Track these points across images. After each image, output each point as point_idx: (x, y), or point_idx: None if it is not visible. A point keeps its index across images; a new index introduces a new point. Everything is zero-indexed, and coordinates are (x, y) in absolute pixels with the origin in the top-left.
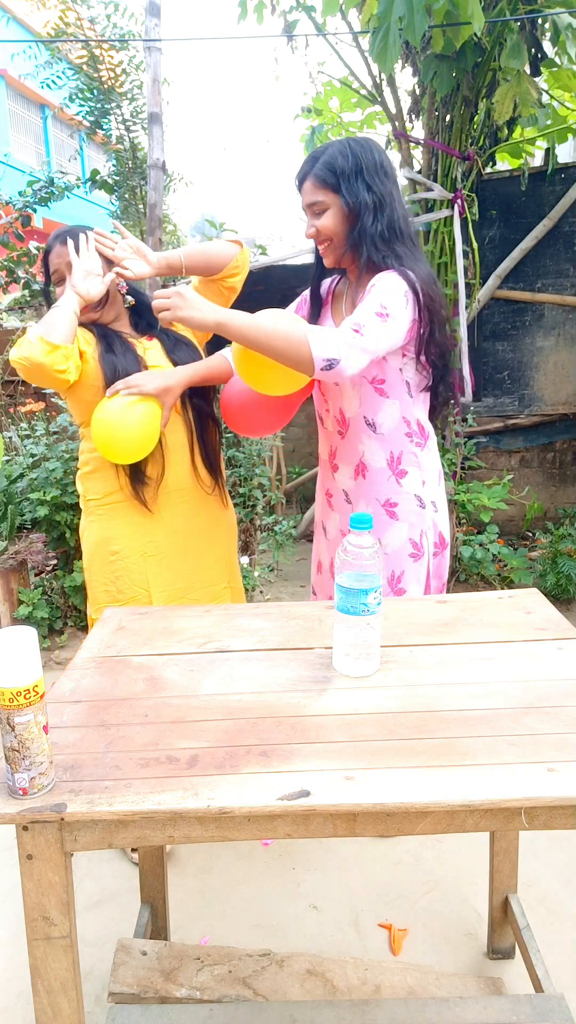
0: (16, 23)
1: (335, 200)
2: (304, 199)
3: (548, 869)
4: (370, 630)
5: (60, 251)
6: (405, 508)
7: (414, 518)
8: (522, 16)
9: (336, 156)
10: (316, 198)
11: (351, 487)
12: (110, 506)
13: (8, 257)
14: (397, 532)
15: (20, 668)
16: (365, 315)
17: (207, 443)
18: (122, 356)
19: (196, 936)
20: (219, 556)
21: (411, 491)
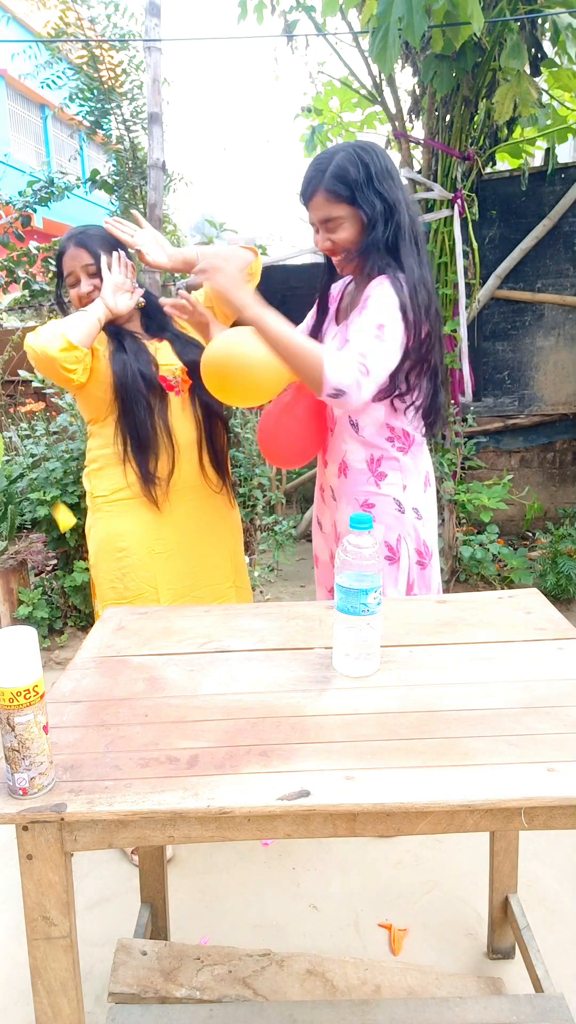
0: (16, 23)
1: (350, 211)
2: (316, 214)
3: (548, 869)
4: (370, 630)
5: (75, 253)
6: (382, 510)
7: (391, 521)
8: (522, 16)
9: (346, 166)
10: (331, 213)
11: (336, 484)
12: (118, 503)
13: (8, 257)
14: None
15: (20, 668)
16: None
17: (215, 442)
18: (134, 355)
19: (196, 936)
20: (225, 555)
21: (390, 494)
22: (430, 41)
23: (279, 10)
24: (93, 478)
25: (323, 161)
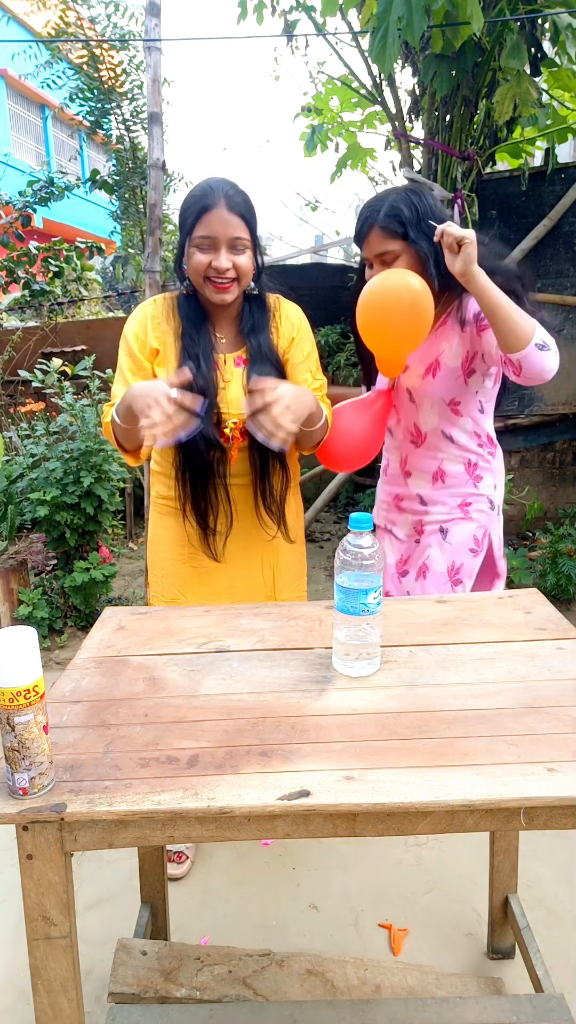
0: (16, 23)
1: (403, 247)
2: (371, 251)
3: (548, 869)
4: (370, 630)
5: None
6: (477, 508)
7: (484, 519)
8: (522, 16)
9: (399, 206)
10: (385, 248)
11: (428, 491)
12: (165, 506)
13: (8, 257)
14: (465, 528)
15: (20, 668)
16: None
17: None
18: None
19: (196, 936)
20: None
21: (485, 494)
22: (430, 41)
23: (279, 10)
24: (152, 476)
25: (377, 202)
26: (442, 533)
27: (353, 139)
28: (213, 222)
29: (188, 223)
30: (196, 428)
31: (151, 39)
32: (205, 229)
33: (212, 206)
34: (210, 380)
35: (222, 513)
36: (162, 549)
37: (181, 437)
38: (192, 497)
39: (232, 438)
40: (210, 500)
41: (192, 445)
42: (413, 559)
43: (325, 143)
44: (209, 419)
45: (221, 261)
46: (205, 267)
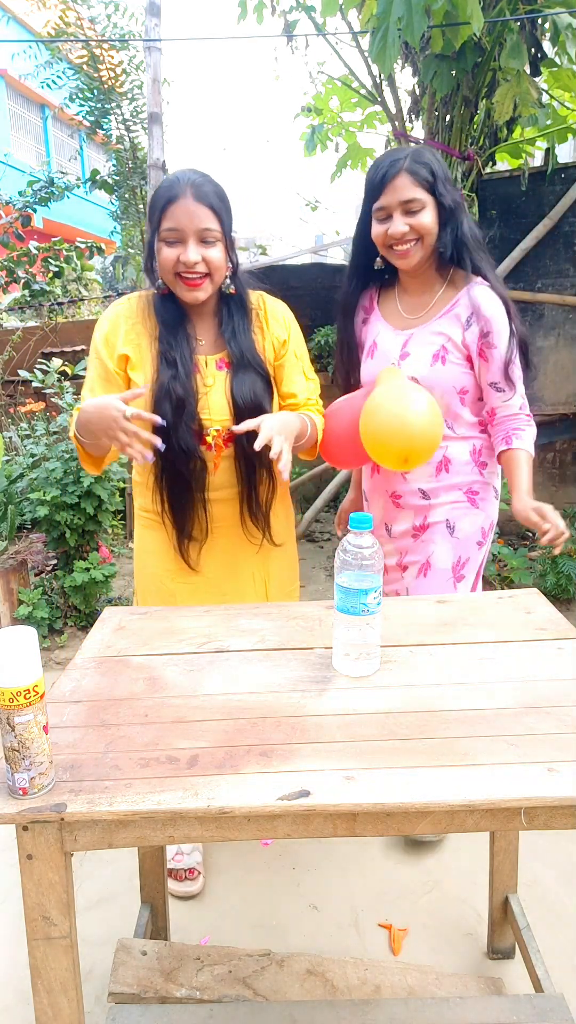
0: (16, 23)
1: (430, 200)
2: (396, 196)
3: (548, 869)
4: (370, 630)
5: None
6: (484, 496)
7: (490, 508)
8: (522, 16)
9: (427, 158)
10: (414, 195)
11: (431, 484)
12: (147, 519)
13: (8, 257)
14: (473, 520)
15: (20, 668)
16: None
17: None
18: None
19: (196, 936)
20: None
21: (490, 481)
22: (430, 41)
23: (279, 10)
24: (134, 487)
25: (399, 152)
26: (449, 528)
27: (353, 139)
28: (179, 214)
29: (155, 218)
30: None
31: (151, 39)
32: (171, 221)
33: (177, 196)
34: (189, 388)
35: (198, 521)
36: (149, 563)
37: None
38: (172, 511)
39: (215, 446)
40: (188, 514)
41: (171, 457)
42: (412, 554)
43: (325, 143)
44: (189, 429)
45: (189, 254)
46: (173, 262)
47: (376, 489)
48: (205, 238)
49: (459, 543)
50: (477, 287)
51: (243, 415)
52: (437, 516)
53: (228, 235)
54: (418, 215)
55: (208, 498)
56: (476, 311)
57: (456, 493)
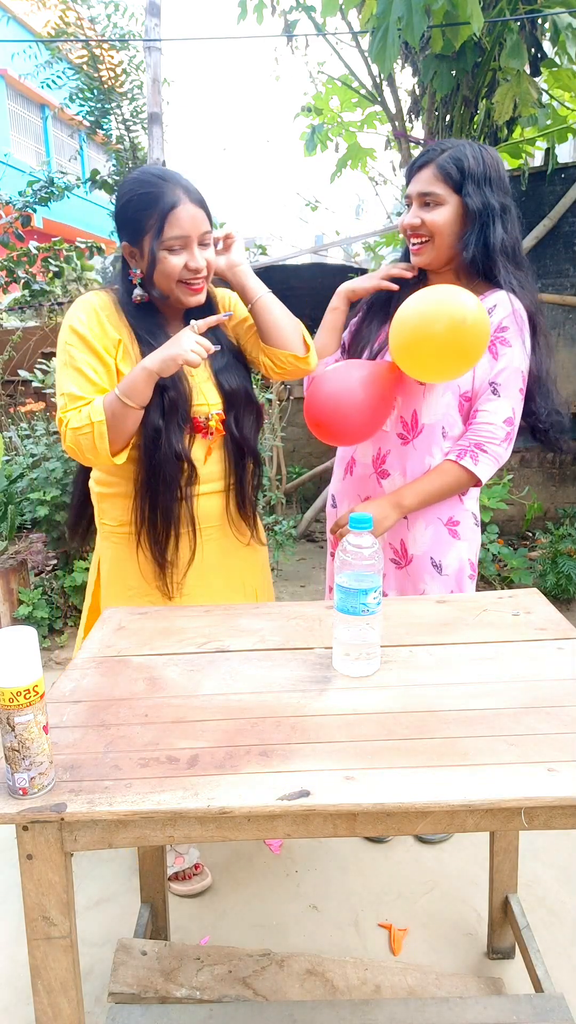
0: (16, 23)
1: (453, 199)
2: (417, 186)
3: (548, 869)
4: (370, 630)
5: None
6: (466, 527)
7: (472, 536)
8: (522, 16)
9: (467, 155)
10: (433, 189)
11: None
12: (126, 536)
13: (8, 257)
14: (458, 552)
15: (20, 668)
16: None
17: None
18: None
19: (196, 936)
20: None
21: (470, 509)
22: (430, 41)
23: (279, 10)
24: (100, 501)
25: (446, 143)
26: (436, 567)
27: (353, 139)
28: (183, 220)
29: (154, 225)
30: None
31: (151, 39)
32: (177, 229)
33: (178, 202)
34: (181, 388)
35: (184, 534)
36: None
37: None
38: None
39: (213, 431)
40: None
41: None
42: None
43: (325, 143)
44: (181, 434)
45: (198, 260)
46: (180, 269)
47: (347, 492)
48: (204, 241)
49: (448, 579)
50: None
51: (231, 399)
52: (418, 547)
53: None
54: (432, 211)
55: (196, 493)
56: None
57: (436, 522)
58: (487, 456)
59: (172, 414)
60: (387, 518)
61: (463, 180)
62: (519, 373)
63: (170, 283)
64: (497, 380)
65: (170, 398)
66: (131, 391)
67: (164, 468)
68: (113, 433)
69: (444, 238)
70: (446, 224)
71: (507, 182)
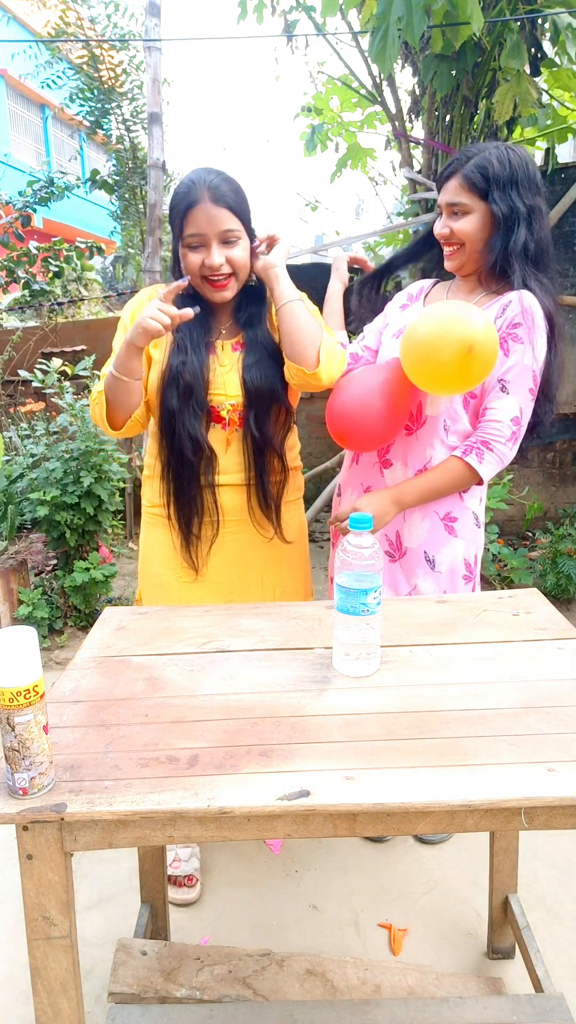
0: (16, 23)
1: (480, 206)
2: (445, 197)
3: (548, 869)
4: (370, 630)
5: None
6: (464, 524)
7: (471, 535)
8: (522, 16)
9: (492, 161)
10: (459, 199)
11: None
12: (154, 516)
13: (8, 257)
14: (454, 550)
15: (20, 668)
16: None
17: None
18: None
19: (196, 936)
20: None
21: (470, 507)
22: (430, 41)
23: (279, 10)
24: (144, 483)
25: (472, 150)
26: (429, 562)
27: (353, 139)
28: (199, 219)
29: (177, 224)
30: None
31: (151, 39)
32: (193, 227)
33: (197, 202)
34: (198, 376)
35: (207, 516)
36: (155, 565)
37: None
38: (177, 502)
39: (229, 421)
40: (194, 502)
41: (179, 445)
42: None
43: (325, 143)
44: (196, 416)
45: (214, 258)
46: (199, 266)
47: (350, 481)
48: (227, 239)
49: (442, 577)
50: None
51: (253, 395)
52: (413, 540)
53: (249, 231)
54: (460, 220)
55: (217, 483)
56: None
57: (433, 516)
58: (492, 455)
59: (187, 398)
60: (387, 514)
61: (488, 187)
62: (530, 372)
63: (195, 279)
64: (506, 377)
65: (185, 382)
66: (117, 363)
67: (182, 449)
68: (110, 405)
69: (474, 244)
70: (474, 231)
71: (538, 179)
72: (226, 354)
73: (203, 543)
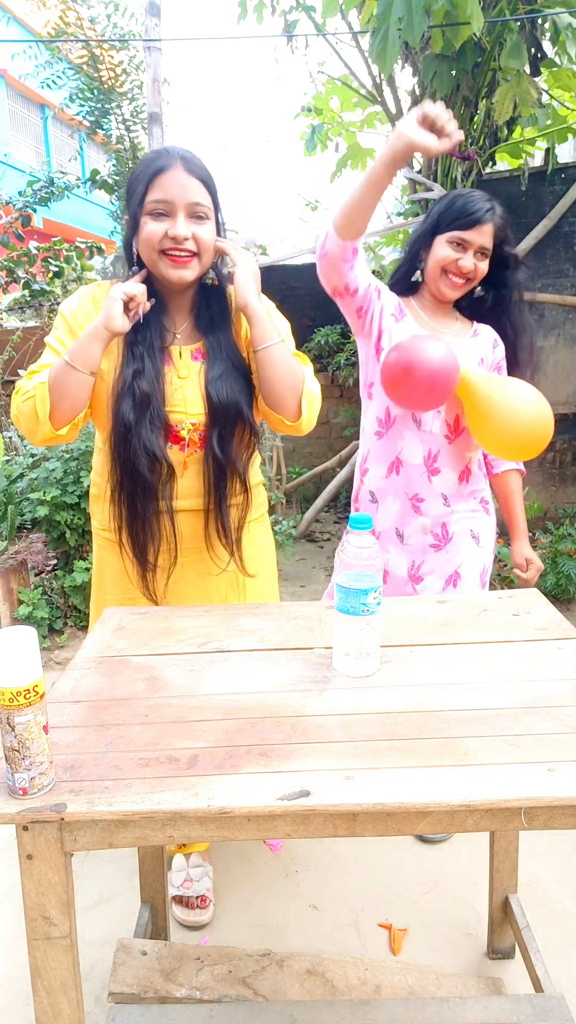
0: (16, 23)
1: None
2: (482, 240)
3: (548, 869)
4: (370, 630)
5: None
6: (490, 503)
7: (494, 513)
8: (522, 16)
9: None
10: (490, 244)
11: (454, 490)
12: (107, 541)
13: (8, 257)
14: (489, 526)
15: (20, 668)
16: None
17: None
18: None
19: (196, 936)
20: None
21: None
22: (430, 41)
23: (279, 10)
24: (93, 503)
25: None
26: (475, 538)
27: (353, 139)
28: (169, 184)
29: (139, 191)
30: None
31: (151, 39)
32: (160, 192)
33: (167, 167)
34: (155, 385)
35: (164, 544)
36: (103, 589)
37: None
38: (129, 523)
39: (189, 442)
40: (150, 528)
41: (133, 462)
42: (433, 565)
43: (325, 143)
44: (154, 429)
45: (179, 228)
46: (160, 237)
47: (393, 490)
48: (196, 212)
49: (483, 552)
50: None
51: (218, 412)
52: (459, 526)
53: (218, 216)
54: (483, 262)
55: (175, 508)
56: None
57: (473, 502)
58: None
59: (143, 408)
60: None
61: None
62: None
63: (151, 252)
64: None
65: (142, 391)
66: (75, 351)
67: (136, 466)
68: (55, 397)
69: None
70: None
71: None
72: (184, 363)
73: (160, 572)
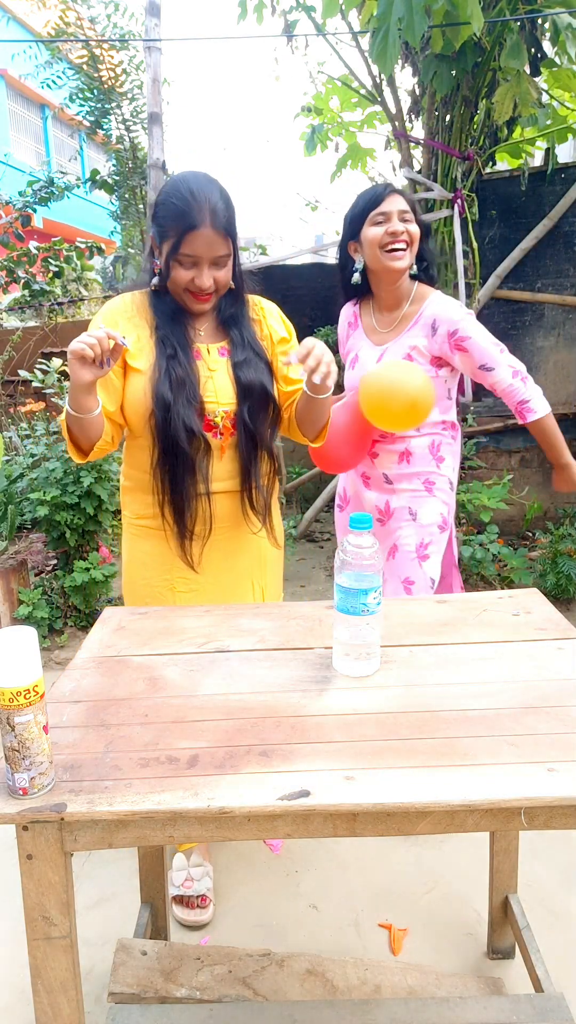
0: (16, 23)
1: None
2: (397, 205)
3: (548, 869)
4: (370, 630)
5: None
6: (440, 487)
7: (445, 496)
8: (522, 16)
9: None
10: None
11: (394, 471)
12: (143, 528)
13: (8, 257)
14: (432, 506)
15: (20, 668)
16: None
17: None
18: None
19: (196, 936)
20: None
21: (446, 474)
22: (430, 41)
23: (279, 10)
24: (125, 495)
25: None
26: (411, 515)
27: (353, 139)
28: (198, 243)
29: (170, 237)
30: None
31: (151, 39)
32: (189, 249)
33: (198, 225)
34: (190, 370)
35: (200, 516)
36: (140, 576)
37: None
38: (172, 502)
39: (222, 430)
40: (189, 499)
41: (174, 437)
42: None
43: (325, 143)
44: (191, 407)
45: (204, 280)
46: (187, 282)
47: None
48: (218, 263)
49: (421, 528)
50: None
51: (248, 396)
52: (399, 502)
53: (236, 249)
54: (410, 224)
55: (211, 490)
56: (437, 318)
57: (415, 482)
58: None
59: (180, 389)
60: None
61: (413, 208)
62: (490, 341)
63: (177, 289)
64: (483, 362)
65: (177, 376)
66: (72, 400)
67: (177, 440)
68: (72, 438)
69: (416, 246)
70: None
71: None
72: (212, 358)
73: (196, 541)
